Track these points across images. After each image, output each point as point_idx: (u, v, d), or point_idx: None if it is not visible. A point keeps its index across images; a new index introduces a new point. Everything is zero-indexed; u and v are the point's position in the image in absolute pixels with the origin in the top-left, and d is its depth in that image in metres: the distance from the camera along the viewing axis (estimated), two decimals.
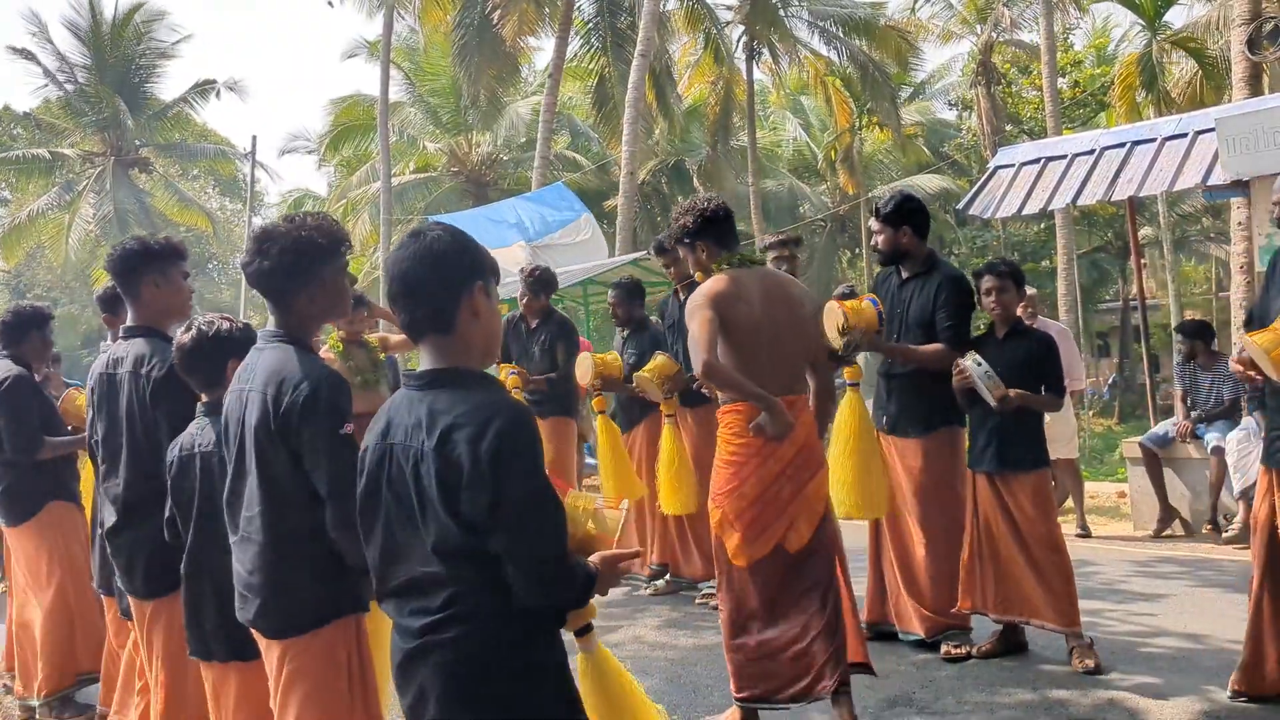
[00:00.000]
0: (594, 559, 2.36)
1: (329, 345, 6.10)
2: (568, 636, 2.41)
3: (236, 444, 2.83)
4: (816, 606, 4.06)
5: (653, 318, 7.40)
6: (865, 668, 4.51)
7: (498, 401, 2.19)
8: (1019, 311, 5.54)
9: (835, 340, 4.87)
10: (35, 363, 5.43)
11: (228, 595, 3.01)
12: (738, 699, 4.19)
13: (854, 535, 5.51)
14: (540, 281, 7.46)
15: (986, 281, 5.23)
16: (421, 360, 2.32)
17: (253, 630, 2.86)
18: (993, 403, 4.93)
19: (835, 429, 5.01)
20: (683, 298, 6.69)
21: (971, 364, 4.98)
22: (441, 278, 2.24)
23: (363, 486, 2.31)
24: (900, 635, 5.39)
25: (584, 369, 6.81)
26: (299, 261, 2.83)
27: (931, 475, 5.17)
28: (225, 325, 3.32)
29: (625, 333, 7.26)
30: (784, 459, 4.07)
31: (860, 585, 5.56)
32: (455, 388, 2.22)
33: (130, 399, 3.63)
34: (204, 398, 3.34)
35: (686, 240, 4.34)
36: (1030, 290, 7.94)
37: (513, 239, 15.25)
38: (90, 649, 5.13)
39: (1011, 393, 4.93)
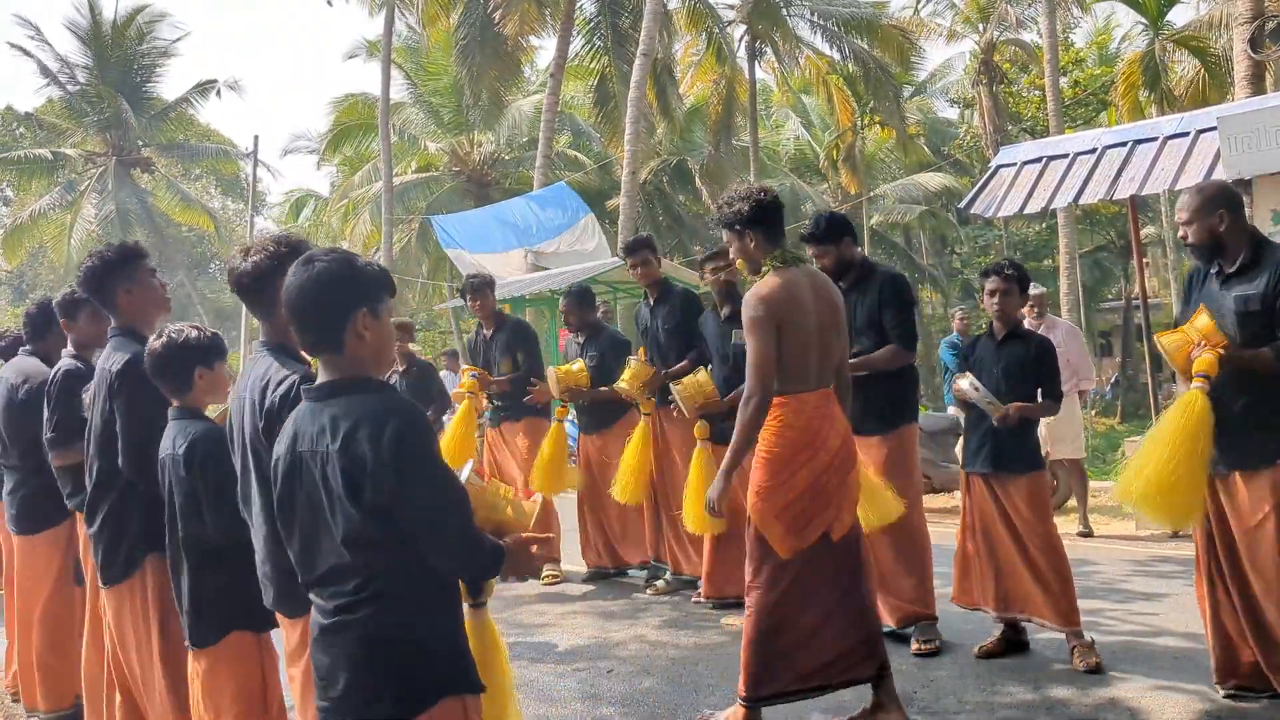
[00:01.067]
0: (507, 540, 2.62)
1: None
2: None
3: (240, 447, 3.01)
4: (853, 591, 4.17)
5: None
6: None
7: (391, 402, 2.43)
8: (1026, 311, 5.54)
9: None
10: (55, 355, 5.34)
11: (188, 587, 3.33)
12: (749, 699, 4.13)
13: None
14: (474, 287, 7.61)
15: (990, 282, 5.23)
16: (320, 373, 2.52)
17: (277, 614, 3.08)
18: (994, 422, 5.02)
19: None
20: (652, 302, 6.88)
21: (969, 387, 5.10)
22: (326, 305, 2.46)
23: (278, 492, 2.50)
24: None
25: (550, 383, 7.02)
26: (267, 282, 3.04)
27: (892, 471, 5.16)
28: (193, 334, 3.43)
29: (581, 338, 7.41)
30: (832, 450, 4.15)
31: None
32: (351, 394, 2.44)
33: (99, 394, 3.77)
34: (174, 403, 3.43)
35: (738, 227, 4.28)
36: (1038, 289, 7.95)
37: (513, 244, 15.27)
38: (53, 688, 5.07)
39: (1011, 409, 4.99)
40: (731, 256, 4.54)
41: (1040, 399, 5.17)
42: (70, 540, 5.05)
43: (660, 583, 6.90)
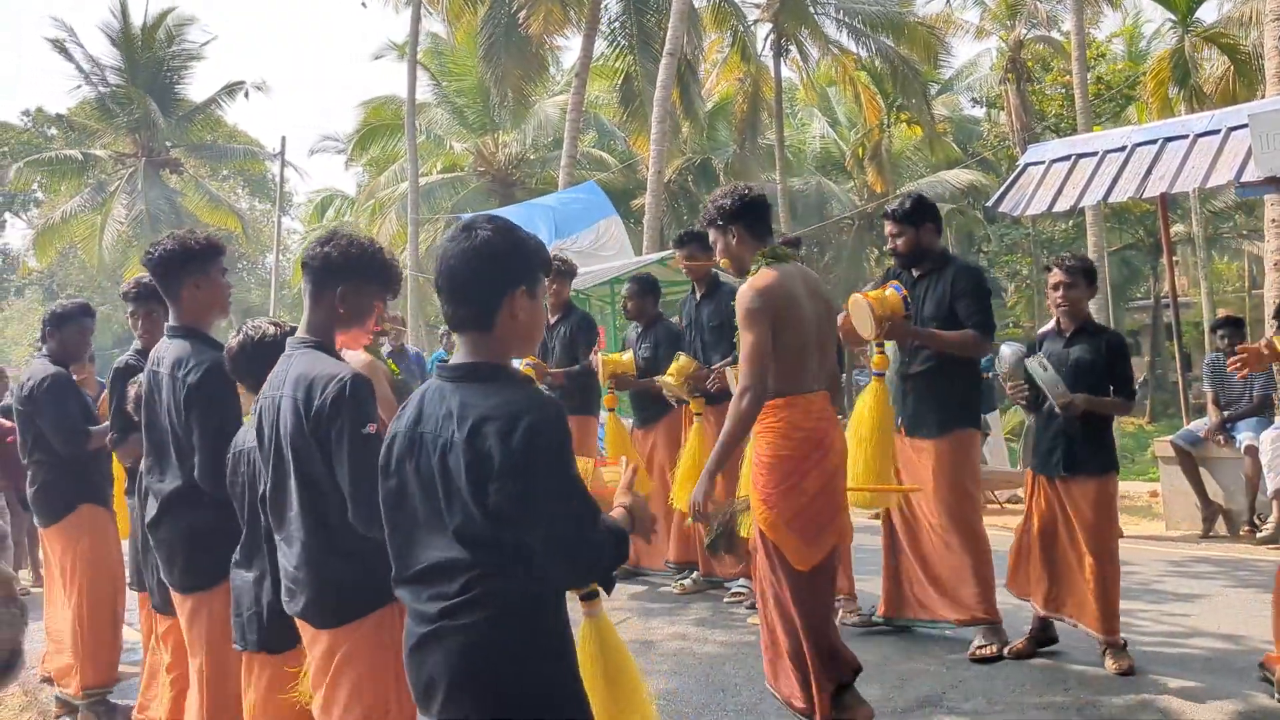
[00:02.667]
0: (623, 500, 2.46)
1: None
2: (575, 605, 2.46)
3: (273, 447, 2.92)
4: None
5: (673, 318, 7.39)
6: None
7: (529, 397, 2.22)
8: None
9: (867, 330, 4.88)
10: (74, 361, 5.49)
11: (265, 588, 3.15)
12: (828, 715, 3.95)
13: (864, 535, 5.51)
14: (558, 272, 7.41)
15: (1054, 276, 5.06)
16: (457, 352, 2.35)
17: (301, 621, 2.92)
18: (1057, 408, 4.86)
19: (856, 418, 4.92)
20: (699, 296, 6.69)
21: (1037, 367, 4.92)
22: (486, 278, 2.28)
23: (389, 473, 2.33)
24: (923, 627, 5.38)
25: (598, 370, 6.93)
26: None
27: (948, 477, 5.11)
28: (271, 330, 3.39)
29: (639, 328, 7.31)
30: (840, 452, 4.11)
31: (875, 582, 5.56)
32: (488, 382, 2.25)
33: (169, 400, 3.67)
34: (255, 399, 3.41)
35: (720, 222, 4.23)
36: None
37: (542, 231, 15.18)
38: (98, 663, 5.16)
39: (1077, 398, 4.83)
40: (716, 256, 4.41)
41: (1114, 395, 4.97)
42: (91, 527, 5.20)
43: (687, 582, 6.89)
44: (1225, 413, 8.38)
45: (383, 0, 28.02)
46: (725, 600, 6.51)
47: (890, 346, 5.16)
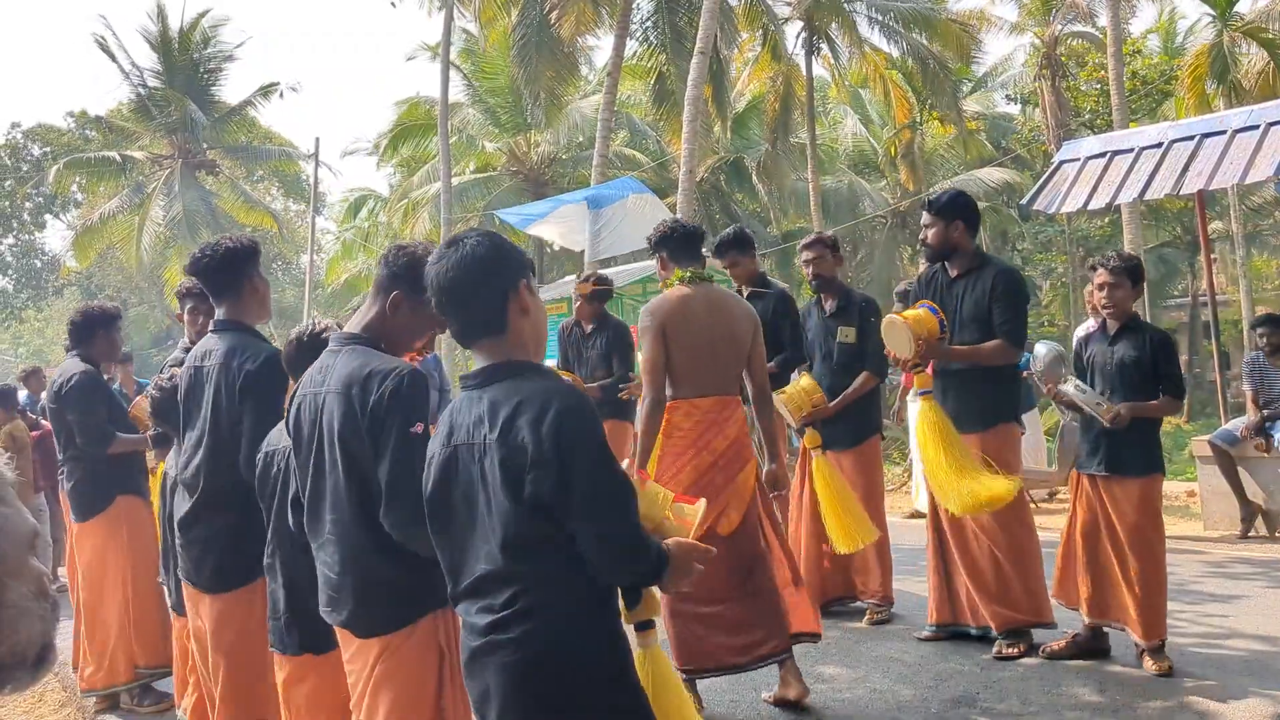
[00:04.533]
0: (669, 542, 2.39)
1: None
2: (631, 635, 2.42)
3: (313, 446, 2.84)
4: (745, 581, 4.45)
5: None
6: (813, 636, 4.73)
7: (555, 386, 2.25)
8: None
9: (905, 350, 4.98)
10: (103, 361, 5.59)
11: (299, 589, 3.12)
12: (680, 669, 4.39)
13: (906, 535, 5.48)
14: (596, 294, 7.51)
15: (1098, 276, 5.00)
16: (476, 361, 2.37)
17: (343, 630, 2.85)
18: (1105, 424, 4.81)
19: (922, 436, 5.03)
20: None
21: (1074, 391, 4.89)
22: (488, 282, 2.32)
23: (431, 492, 2.35)
24: (974, 631, 5.33)
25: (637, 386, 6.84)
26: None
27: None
28: (324, 327, 3.40)
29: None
30: (716, 451, 4.47)
31: (922, 586, 5.54)
32: (512, 378, 2.28)
33: (219, 391, 3.65)
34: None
35: (651, 249, 4.86)
36: None
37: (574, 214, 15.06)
38: (149, 644, 5.26)
39: (1123, 409, 4.78)
40: (658, 277, 4.91)
41: (1161, 396, 4.90)
42: (128, 520, 5.29)
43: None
44: (1265, 412, 8.27)
45: (416, 3, 28.18)
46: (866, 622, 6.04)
47: None
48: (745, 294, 6.36)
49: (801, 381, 5.88)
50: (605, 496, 2.19)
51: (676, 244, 4.75)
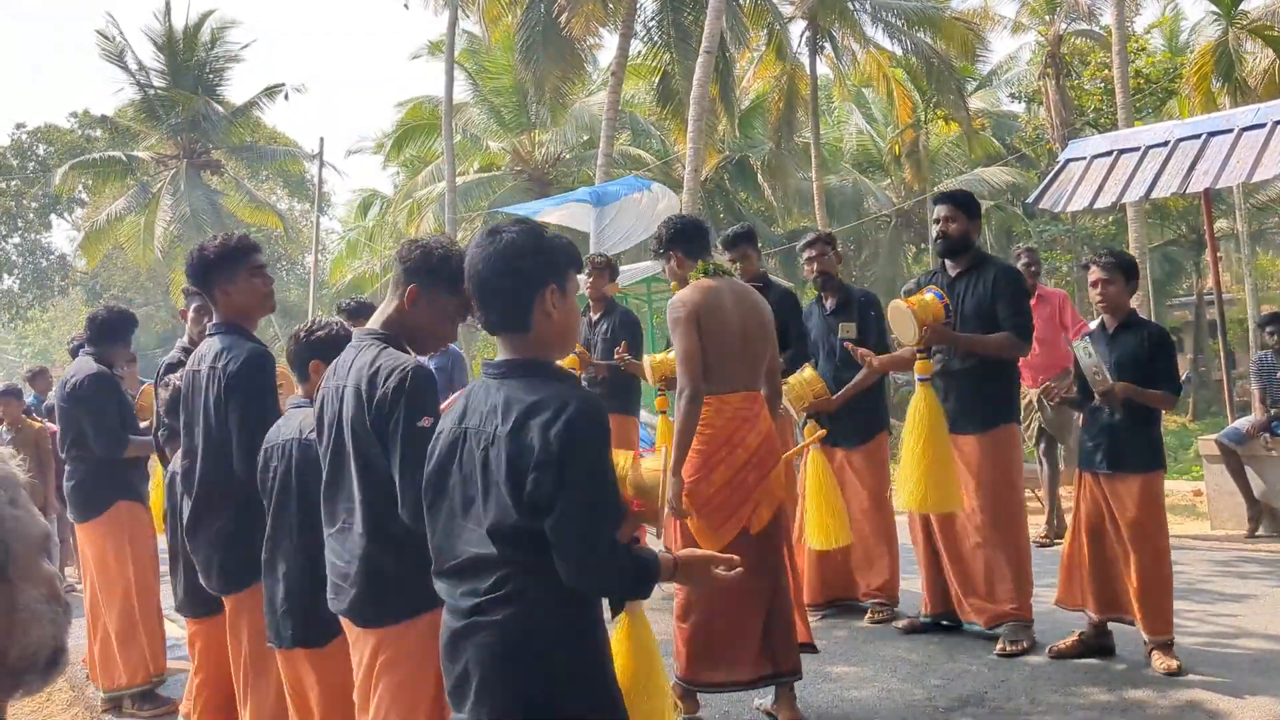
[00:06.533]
0: (684, 553, 2.41)
1: None
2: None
3: (332, 437, 2.89)
4: (770, 591, 4.30)
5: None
6: (809, 647, 4.68)
7: (573, 392, 2.25)
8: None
9: (909, 336, 4.94)
10: (117, 363, 5.59)
11: (295, 585, 3.18)
12: (683, 679, 4.32)
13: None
14: (595, 265, 7.40)
15: (1092, 273, 5.03)
16: (500, 351, 2.38)
17: (345, 620, 2.89)
18: (1097, 395, 4.83)
19: (909, 423, 5.03)
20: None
21: (1081, 352, 4.91)
22: (515, 280, 2.31)
23: (433, 467, 2.36)
24: (965, 626, 5.38)
25: (646, 371, 6.79)
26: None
27: (990, 472, 5.13)
28: (317, 327, 3.43)
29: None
30: (750, 448, 4.32)
31: (914, 581, 5.54)
32: (532, 377, 2.29)
33: (209, 395, 3.69)
34: (298, 391, 3.47)
35: (661, 250, 4.71)
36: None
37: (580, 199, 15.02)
38: (153, 651, 5.26)
39: (1117, 385, 4.79)
40: (666, 279, 4.76)
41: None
42: (127, 524, 5.29)
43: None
44: (1272, 410, 8.26)
45: (422, 2, 28.19)
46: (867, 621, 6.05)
47: None
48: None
49: (804, 373, 5.87)
50: (586, 517, 2.17)
51: (689, 239, 4.65)
